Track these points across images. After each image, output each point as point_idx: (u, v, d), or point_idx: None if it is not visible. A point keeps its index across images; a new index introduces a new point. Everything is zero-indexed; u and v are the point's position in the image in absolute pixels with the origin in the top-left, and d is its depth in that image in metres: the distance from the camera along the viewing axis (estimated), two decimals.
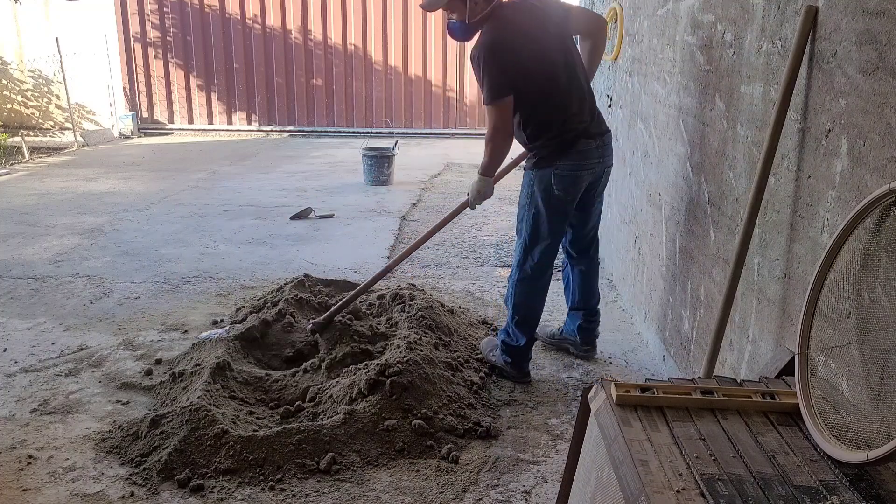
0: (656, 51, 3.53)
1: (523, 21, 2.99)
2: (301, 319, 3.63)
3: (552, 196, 3.02)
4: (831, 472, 1.37)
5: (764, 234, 2.25)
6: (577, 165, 3.00)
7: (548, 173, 3.00)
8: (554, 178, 2.99)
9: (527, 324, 3.21)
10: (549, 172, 3.00)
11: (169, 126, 11.53)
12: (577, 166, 3.00)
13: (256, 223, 5.99)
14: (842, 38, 1.79)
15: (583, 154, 3.00)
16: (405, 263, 4.97)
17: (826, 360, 1.70)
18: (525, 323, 3.20)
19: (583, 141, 2.99)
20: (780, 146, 2.09)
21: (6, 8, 10.82)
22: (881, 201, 1.45)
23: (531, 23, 3.00)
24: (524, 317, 3.20)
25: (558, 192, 3.01)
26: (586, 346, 3.50)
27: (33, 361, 3.40)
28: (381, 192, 7.26)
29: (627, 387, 1.60)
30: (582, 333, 3.47)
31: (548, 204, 3.03)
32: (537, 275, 3.17)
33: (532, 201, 3.07)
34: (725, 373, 2.50)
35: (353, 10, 11.05)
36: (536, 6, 3.03)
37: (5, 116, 11.37)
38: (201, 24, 11.12)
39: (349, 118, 11.46)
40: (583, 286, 3.43)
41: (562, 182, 3.00)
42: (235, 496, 2.40)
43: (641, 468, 1.35)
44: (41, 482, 2.48)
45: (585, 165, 3.02)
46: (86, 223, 5.93)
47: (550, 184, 3.00)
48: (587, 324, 3.46)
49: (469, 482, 2.51)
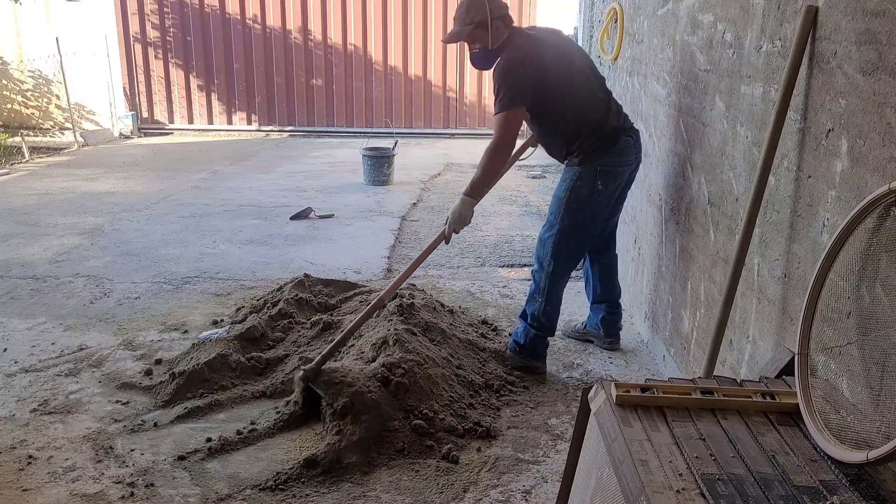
0: (656, 51, 3.53)
1: (543, 37, 3.15)
2: (301, 319, 3.63)
3: (596, 191, 3.11)
4: (831, 472, 1.37)
5: (764, 234, 2.25)
6: (619, 162, 3.13)
7: (593, 170, 3.09)
8: (599, 174, 3.09)
9: (555, 311, 3.31)
10: (594, 169, 3.09)
11: (169, 126, 11.53)
12: (619, 162, 3.13)
13: (256, 223, 5.99)
14: (842, 38, 1.79)
15: (624, 151, 3.13)
16: (405, 263, 4.98)
17: (826, 360, 1.70)
18: (553, 311, 3.30)
19: (623, 139, 3.12)
20: (780, 146, 2.09)
21: (6, 8, 10.82)
22: (881, 201, 1.45)
23: (551, 37, 3.17)
24: (553, 306, 3.29)
25: (601, 188, 3.11)
26: (610, 337, 3.60)
27: (33, 361, 3.40)
28: (381, 192, 7.26)
29: (627, 387, 1.60)
30: (605, 326, 3.58)
31: (591, 199, 3.13)
32: (570, 265, 3.29)
33: (574, 195, 3.14)
34: (725, 373, 2.50)
35: (353, 10, 11.05)
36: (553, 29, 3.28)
37: (5, 116, 11.37)
38: (201, 24, 11.12)
39: (349, 118, 11.46)
40: (603, 280, 3.55)
41: (606, 178, 3.11)
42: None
43: (641, 468, 1.35)
44: (41, 482, 2.48)
45: (626, 161, 3.16)
46: (86, 223, 5.93)
47: (595, 180, 3.09)
48: (610, 316, 3.57)
49: (469, 482, 2.51)
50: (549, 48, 3.08)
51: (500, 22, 3.04)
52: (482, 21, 3.01)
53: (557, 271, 3.23)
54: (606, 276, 3.55)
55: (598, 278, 3.55)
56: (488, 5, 3.01)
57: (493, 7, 3.02)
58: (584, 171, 3.10)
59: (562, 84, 3.04)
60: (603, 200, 3.16)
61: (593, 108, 3.10)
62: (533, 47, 3.03)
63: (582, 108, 3.09)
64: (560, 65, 3.06)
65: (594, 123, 3.08)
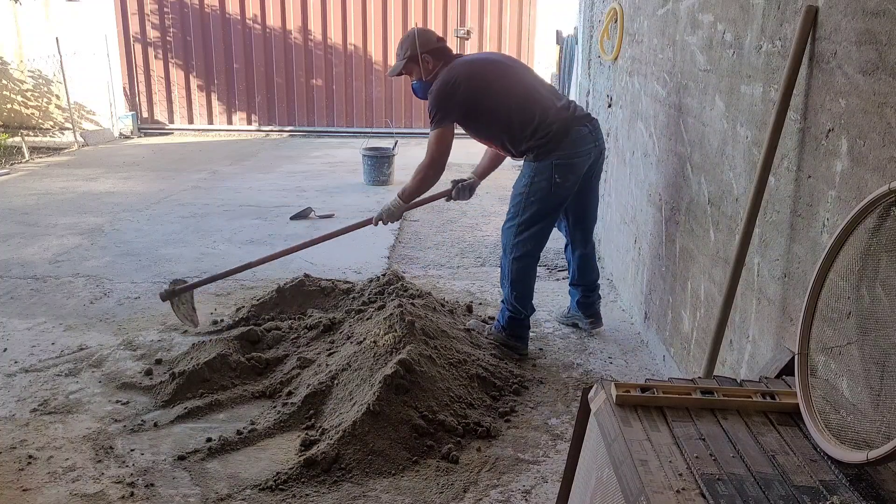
0: (656, 51, 3.53)
1: (476, 58, 3.53)
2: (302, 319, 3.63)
3: (553, 184, 3.25)
4: (831, 472, 1.37)
5: (764, 234, 2.25)
6: (574, 153, 3.25)
7: (548, 164, 3.24)
8: (554, 167, 3.23)
9: (525, 297, 3.46)
10: (548, 163, 3.24)
11: (169, 126, 11.53)
12: (575, 153, 3.25)
13: (256, 223, 5.99)
14: (842, 38, 1.79)
15: (577, 141, 3.25)
16: (405, 263, 4.98)
17: (826, 360, 1.70)
18: (523, 296, 3.45)
19: (574, 129, 3.25)
20: (780, 146, 2.09)
21: (6, 8, 10.82)
22: (881, 201, 1.45)
23: (488, 58, 3.59)
24: (521, 292, 3.44)
25: (559, 181, 3.24)
26: (589, 318, 3.75)
27: (33, 361, 3.40)
28: (381, 192, 7.26)
29: (627, 387, 1.60)
30: (582, 308, 3.75)
31: (548, 192, 3.27)
32: (533, 254, 3.42)
33: (532, 189, 3.29)
34: (725, 373, 2.50)
35: (353, 10, 11.05)
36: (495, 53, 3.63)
37: (5, 116, 11.36)
38: (201, 24, 11.12)
39: (349, 118, 11.47)
40: (581, 264, 3.72)
41: (563, 171, 3.24)
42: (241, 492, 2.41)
43: (641, 468, 1.35)
44: (41, 482, 2.48)
45: (581, 152, 3.27)
46: (86, 223, 5.93)
47: (551, 173, 3.23)
48: (585, 298, 3.74)
49: (469, 482, 2.51)
50: (481, 67, 3.39)
51: (428, 56, 3.38)
52: (413, 56, 3.38)
53: (521, 259, 3.39)
54: (584, 261, 3.71)
55: (577, 263, 3.72)
56: (417, 41, 3.36)
57: (421, 43, 3.37)
58: (539, 165, 3.27)
59: (498, 91, 3.29)
60: (563, 192, 3.29)
61: (535, 106, 3.26)
62: (460, 71, 3.31)
63: (523, 109, 3.27)
64: (494, 76, 3.34)
65: (539, 120, 3.24)
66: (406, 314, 3.17)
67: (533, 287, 3.50)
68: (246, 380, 3.17)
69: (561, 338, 3.74)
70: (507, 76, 3.36)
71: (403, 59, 3.42)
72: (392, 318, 3.16)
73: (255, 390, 3.09)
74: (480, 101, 3.28)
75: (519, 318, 3.46)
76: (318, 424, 2.78)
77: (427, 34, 3.44)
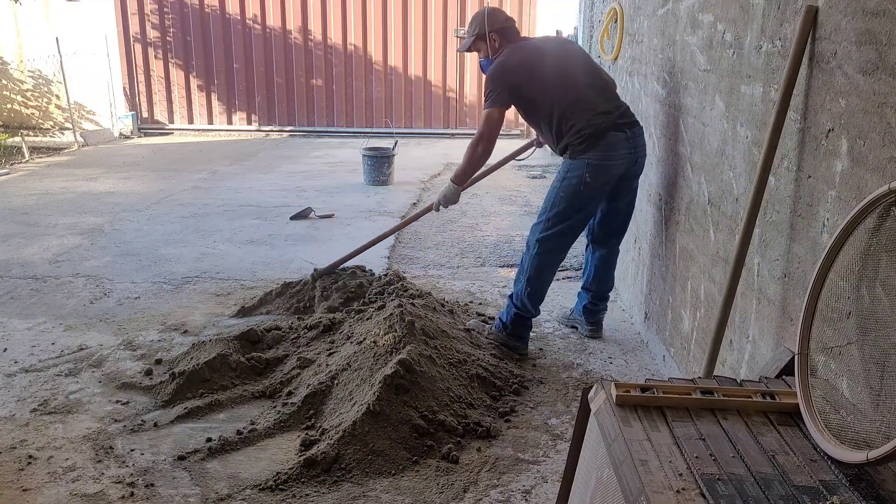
0: (656, 51, 3.54)
1: (539, 45, 3.55)
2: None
3: (584, 183, 3.26)
4: (831, 472, 1.37)
5: (764, 234, 2.25)
6: (608, 156, 3.26)
7: (582, 163, 3.26)
8: (588, 167, 3.25)
9: (537, 296, 3.44)
10: (583, 162, 3.26)
11: (169, 126, 11.53)
12: (608, 156, 3.26)
13: (256, 223, 5.99)
14: (842, 38, 1.79)
15: (613, 145, 3.26)
16: (405, 263, 4.98)
17: (826, 360, 1.70)
18: (535, 295, 3.43)
19: (611, 134, 3.25)
20: (780, 146, 2.09)
21: (6, 8, 10.82)
22: (881, 201, 1.45)
23: (549, 45, 3.58)
24: (535, 290, 3.42)
25: (590, 180, 3.26)
26: (591, 325, 3.74)
27: (33, 361, 3.40)
28: (381, 192, 7.26)
29: (627, 387, 1.60)
30: (587, 314, 3.74)
31: (579, 190, 3.28)
32: (555, 252, 3.42)
33: (564, 185, 3.32)
34: (725, 373, 2.50)
35: (353, 10, 11.05)
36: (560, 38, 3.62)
37: (5, 116, 11.37)
38: (201, 24, 11.12)
39: (349, 118, 11.46)
40: (598, 269, 3.68)
41: (595, 171, 3.25)
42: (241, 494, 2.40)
43: (641, 468, 1.35)
44: (41, 482, 2.48)
45: (615, 156, 3.27)
46: (86, 223, 5.93)
47: (583, 172, 3.25)
48: (593, 306, 3.72)
49: (469, 482, 2.51)
50: (541, 55, 3.39)
51: (495, 35, 3.45)
52: (481, 34, 3.46)
53: (542, 257, 3.38)
54: (603, 267, 3.67)
55: (594, 266, 3.69)
56: (486, 20, 3.44)
57: (490, 22, 3.45)
58: (574, 163, 3.28)
59: (541, 84, 3.31)
60: (590, 193, 3.29)
61: (576, 105, 3.28)
62: (522, 55, 3.36)
63: (562, 105, 3.29)
64: (551, 68, 3.34)
65: (576, 119, 3.26)
66: (406, 314, 3.17)
67: (547, 289, 3.47)
68: (246, 380, 3.17)
69: (561, 338, 3.74)
70: (554, 69, 3.35)
71: (472, 36, 3.50)
72: (392, 318, 3.16)
73: (255, 390, 3.09)
74: (524, 90, 3.33)
75: (524, 318, 3.45)
76: (318, 424, 2.78)
77: (496, 13, 3.52)
